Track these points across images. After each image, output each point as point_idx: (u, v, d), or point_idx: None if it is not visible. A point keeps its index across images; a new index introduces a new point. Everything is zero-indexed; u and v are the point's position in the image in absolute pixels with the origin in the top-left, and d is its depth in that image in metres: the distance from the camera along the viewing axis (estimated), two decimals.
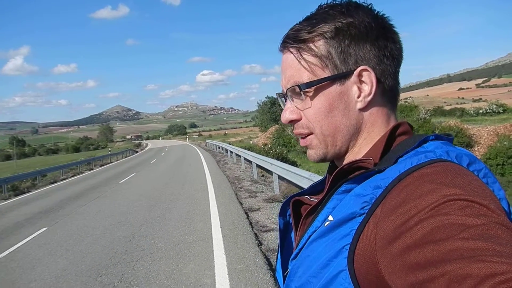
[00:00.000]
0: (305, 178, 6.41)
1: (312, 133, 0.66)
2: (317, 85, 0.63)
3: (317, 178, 5.80)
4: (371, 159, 0.59)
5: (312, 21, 0.64)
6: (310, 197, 0.72)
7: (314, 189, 0.77)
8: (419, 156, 0.54)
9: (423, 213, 0.45)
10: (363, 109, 0.63)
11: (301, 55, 0.64)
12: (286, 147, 30.86)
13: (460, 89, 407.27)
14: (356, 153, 0.65)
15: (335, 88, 0.62)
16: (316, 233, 0.58)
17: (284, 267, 0.69)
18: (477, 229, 0.41)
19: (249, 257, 4.73)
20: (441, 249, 0.40)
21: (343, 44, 0.61)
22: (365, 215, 0.52)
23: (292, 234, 0.72)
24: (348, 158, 0.66)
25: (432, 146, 0.56)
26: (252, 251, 4.94)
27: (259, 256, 4.73)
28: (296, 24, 0.66)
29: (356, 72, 0.61)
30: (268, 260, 4.66)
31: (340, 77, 0.62)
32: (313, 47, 0.63)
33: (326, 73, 0.62)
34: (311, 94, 0.63)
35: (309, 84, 0.63)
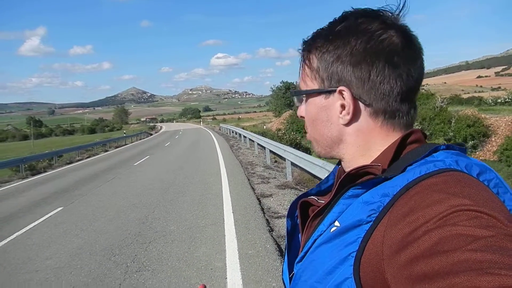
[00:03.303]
0: (318, 166, 6.41)
1: None
2: (306, 94, 0.69)
3: (330, 166, 5.79)
4: (379, 165, 0.59)
5: (317, 33, 0.67)
6: (318, 199, 0.72)
7: (321, 189, 0.77)
8: (428, 165, 0.53)
9: (431, 223, 0.44)
10: (346, 125, 0.64)
11: (303, 63, 0.69)
12: (300, 133, 30.78)
13: (479, 77, 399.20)
14: (349, 161, 0.66)
15: (320, 101, 0.66)
16: (322, 238, 0.58)
17: (291, 269, 0.69)
18: (486, 241, 0.40)
19: (260, 243, 4.77)
20: (448, 260, 0.40)
21: (328, 62, 0.64)
22: (372, 223, 0.51)
23: (300, 236, 0.72)
24: (348, 164, 0.67)
25: (442, 156, 0.55)
26: (263, 237, 4.98)
27: (270, 242, 4.77)
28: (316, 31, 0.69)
29: (337, 91, 0.63)
30: (279, 246, 4.70)
31: (324, 92, 0.65)
32: (310, 58, 0.67)
33: (315, 85, 0.67)
34: (305, 100, 0.70)
35: (297, 92, 0.71)
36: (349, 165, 0.66)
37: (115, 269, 4.31)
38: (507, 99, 37.53)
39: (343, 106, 0.63)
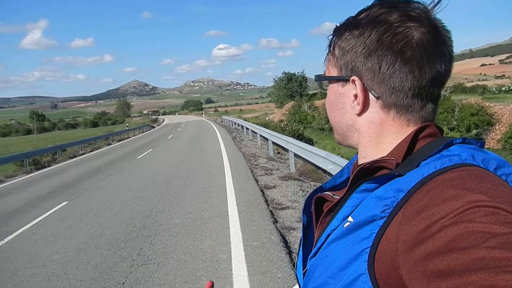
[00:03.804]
0: (321, 157, 6.40)
1: None
2: (325, 80, 0.71)
3: (333, 157, 5.78)
4: (393, 160, 0.58)
5: (345, 20, 0.67)
6: (333, 194, 0.71)
7: (336, 183, 0.77)
8: (443, 159, 0.52)
9: (447, 219, 0.43)
10: (358, 115, 0.65)
11: (328, 49, 0.70)
12: (302, 124, 30.74)
13: (483, 65, 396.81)
14: (362, 151, 0.67)
15: (337, 88, 0.68)
16: (336, 233, 0.58)
17: (305, 264, 0.69)
18: (503, 238, 0.39)
19: (264, 234, 4.79)
20: (465, 257, 0.39)
21: (345, 51, 0.65)
22: (386, 218, 0.51)
23: (314, 232, 0.72)
24: (361, 154, 0.68)
25: (457, 150, 0.54)
26: (267, 229, 4.99)
27: (274, 234, 4.79)
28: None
29: (350, 80, 0.64)
30: (283, 237, 4.71)
31: (341, 80, 0.66)
32: (334, 45, 0.68)
33: (335, 73, 0.68)
34: (327, 86, 0.71)
35: (319, 77, 0.72)
36: (362, 155, 0.67)
37: (121, 263, 4.34)
38: (511, 87, 37.26)
39: (355, 96, 0.64)
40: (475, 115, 23.19)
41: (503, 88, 38.26)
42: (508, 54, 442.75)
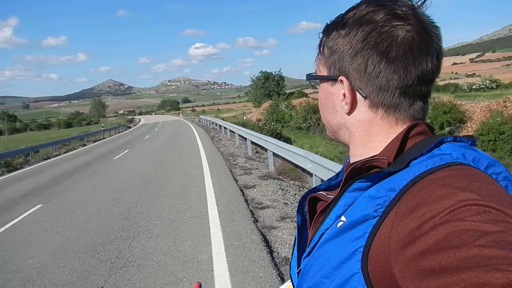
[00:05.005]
0: (300, 156, 6.43)
1: None
2: (315, 79, 0.72)
3: (312, 156, 5.82)
4: (384, 159, 0.58)
5: (334, 19, 0.67)
6: (327, 194, 0.72)
7: (331, 184, 0.77)
8: (435, 159, 0.53)
9: (438, 218, 0.44)
10: (348, 114, 0.65)
11: (318, 47, 0.70)
12: (280, 123, 30.85)
13: (454, 63, 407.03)
14: (352, 149, 0.68)
15: (328, 87, 0.68)
16: (329, 233, 0.58)
17: (299, 264, 0.69)
18: (494, 236, 0.40)
19: (245, 234, 4.78)
20: (456, 256, 0.39)
21: (332, 51, 0.65)
22: (378, 217, 0.51)
23: (308, 231, 0.72)
24: (351, 152, 0.68)
25: (448, 149, 0.55)
26: (248, 228, 4.99)
27: (255, 233, 4.79)
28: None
29: (338, 80, 0.65)
30: (264, 237, 4.72)
31: (330, 79, 0.67)
32: (324, 44, 0.68)
33: (324, 72, 0.68)
34: (318, 84, 0.72)
35: (309, 76, 0.73)
36: (353, 154, 0.68)
37: (100, 266, 4.26)
38: (482, 86, 38.35)
39: (344, 95, 0.64)
40: (447, 113, 23.72)
41: (474, 87, 39.33)
42: (478, 53, 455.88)
